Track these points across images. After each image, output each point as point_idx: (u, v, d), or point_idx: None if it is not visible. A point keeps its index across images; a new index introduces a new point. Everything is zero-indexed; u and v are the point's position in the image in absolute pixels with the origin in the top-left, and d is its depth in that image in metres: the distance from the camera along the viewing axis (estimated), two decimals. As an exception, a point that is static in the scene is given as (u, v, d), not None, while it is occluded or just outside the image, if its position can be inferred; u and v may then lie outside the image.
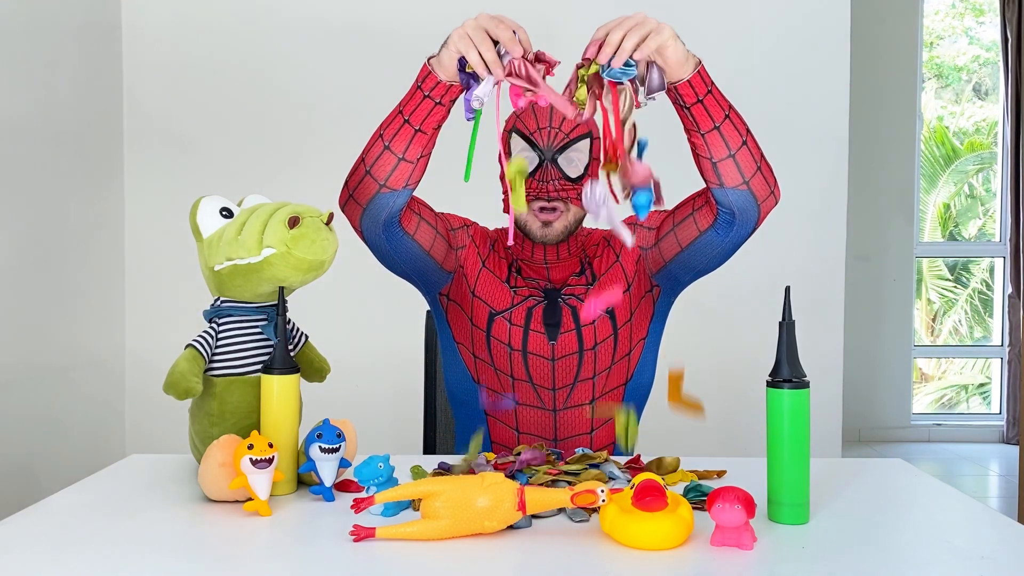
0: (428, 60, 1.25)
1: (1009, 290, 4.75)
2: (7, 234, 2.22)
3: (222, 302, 1.22)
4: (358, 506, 1.01)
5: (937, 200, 5.53)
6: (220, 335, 1.20)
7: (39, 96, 2.38)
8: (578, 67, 1.19)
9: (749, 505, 0.95)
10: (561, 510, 1.05)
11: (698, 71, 1.21)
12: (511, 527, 1.01)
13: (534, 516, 1.05)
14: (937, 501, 1.19)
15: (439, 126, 1.28)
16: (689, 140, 1.28)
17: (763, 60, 2.88)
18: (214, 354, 1.19)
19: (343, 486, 1.18)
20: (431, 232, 1.43)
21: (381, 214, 1.33)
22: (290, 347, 1.24)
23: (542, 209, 1.44)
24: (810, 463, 1.06)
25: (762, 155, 1.29)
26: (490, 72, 1.16)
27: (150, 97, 2.85)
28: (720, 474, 1.26)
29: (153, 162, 2.85)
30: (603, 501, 0.97)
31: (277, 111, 2.86)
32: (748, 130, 1.27)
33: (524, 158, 1.38)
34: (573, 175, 1.44)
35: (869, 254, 4.71)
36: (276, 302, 1.20)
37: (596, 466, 1.24)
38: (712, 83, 1.23)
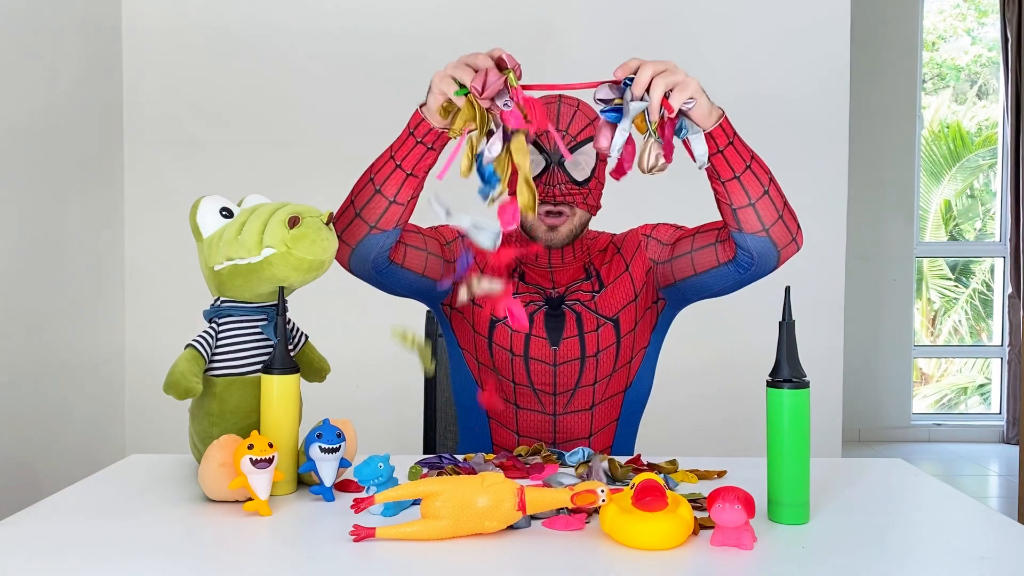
0: (419, 107, 1.26)
1: (1009, 290, 4.75)
2: (7, 234, 2.22)
3: (222, 302, 1.22)
4: (358, 506, 1.01)
5: (941, 196, 5.53)
6: (220, 335, 1.20)
7: (39, 96, 2.38)
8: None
9: (749, 505, 0.95)
10: (561, 510, 1.05)
11: (720, 123, 1.21)
12: (511, 527, 1.01)
13: (533, 516, 1.05)
14: (937, 501, 1.19)
15: (429, 169, 1.29)
16: (711, 185, 1.29)
17: (763, 60, 2.88)
18: (214, 354, 1.19)
19: (343, 486, 1.18)
20: (422, 256, 1.42)
21: (370, 254, 1.34)
22: (290, 347, 1.24)
23: (548, 213, 1.42)
24: (810, 463, 1.06)
25: (785, 203, 1.29)
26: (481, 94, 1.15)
27: (150, 97, 2.85)
28: (720, 474, 1.26)
29: (153, 162, 2.85)
30: (603, 501, 0.97)
31: (277, 111, 2.86)
32: (771, 179, 1.27)
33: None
34: (580, 178, 1.41)
35: (869, 254, 4.71)
36: (276, 302, 1.20)
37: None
38: (734, 134, 1.24)
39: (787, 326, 1.07)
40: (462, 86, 1.15)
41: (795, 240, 1.32)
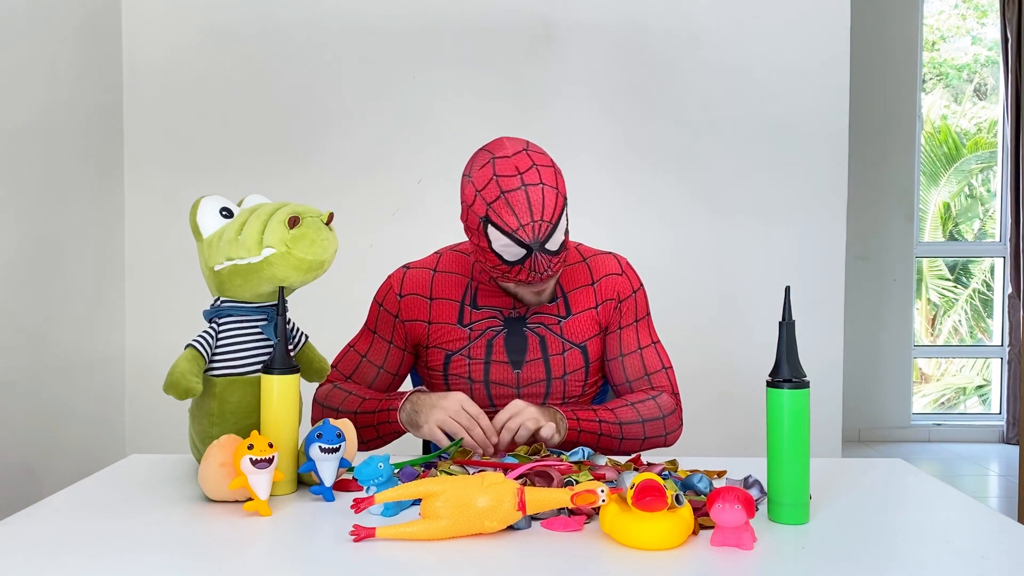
0: (399, 418, 1.39)
1: (1009, 290, 4.75)
2: (7, 234, 2.22)
3: (222, 302, 1.22)
4: (358, 506, 1.01)
5: (938, 198, 5.53)
6: (220, 335, 1.20)
7: (39, 96, 2.38)
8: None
9: (749, 505, 0.95)
10: (561, 510, 1.05)
11: (568, 428, 1.36)
12: (511, 527, 1.01)
13: (533, 517, 1.05)
14: (937, 501, 1.19)
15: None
16: None
17: (763, 60, 2.88)
18: (214, 354, 1.19)
19: (343, 486, 1.18)
20: (388, 377, 1.53)
21: None
22: (290, 347, 1.24)
23: (534, 291, 1.42)
24: (810, 463, 1.06)
25: (665, 428, 1.44)
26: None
27: (150, 97, 2.85)
28: (720, 474, 1.25)
29: (153, 162, 2.85)
30: (603, 501, 0.97)
31: (277, 111, 2.86)
32: (644, 431, 1.42)
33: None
34: (555, 248, 1.34)
35: (869, 254, 4.71)
36: (276, 302, 1.20)
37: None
38: (578, 429, 1.38)
39: (787, 326, 1.07)
40: (451, 438, 1.32)
41: (666, 441, 1.48)
